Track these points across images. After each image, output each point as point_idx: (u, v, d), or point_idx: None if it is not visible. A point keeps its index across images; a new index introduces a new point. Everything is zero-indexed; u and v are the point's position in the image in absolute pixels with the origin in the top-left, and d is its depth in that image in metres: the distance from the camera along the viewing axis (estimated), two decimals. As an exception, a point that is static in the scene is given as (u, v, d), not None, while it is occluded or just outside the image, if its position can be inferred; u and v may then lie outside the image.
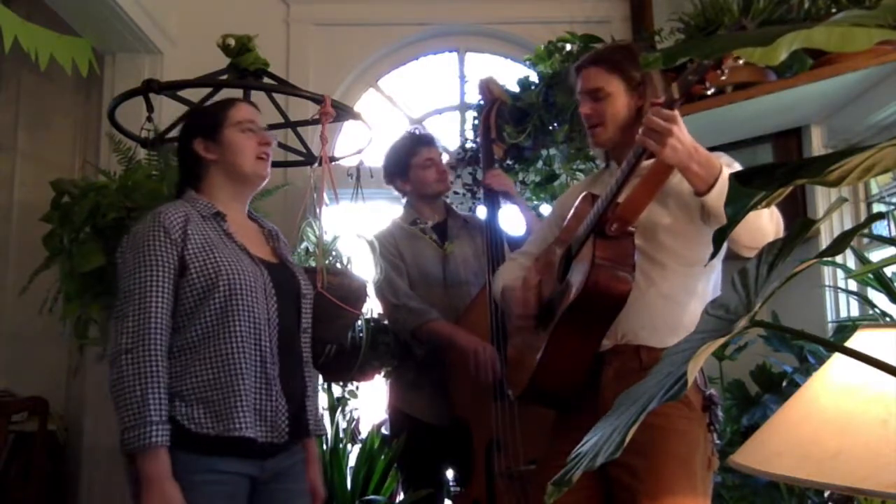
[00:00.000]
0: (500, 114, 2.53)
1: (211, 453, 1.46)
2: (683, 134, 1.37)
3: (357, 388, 2.71)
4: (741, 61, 1.27)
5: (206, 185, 1.66)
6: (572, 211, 1.68)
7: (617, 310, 1.49)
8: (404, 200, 2.59)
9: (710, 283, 1.61)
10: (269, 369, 1.53)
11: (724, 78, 1.32)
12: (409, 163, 2.47)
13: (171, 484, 1.39)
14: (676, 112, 1.37)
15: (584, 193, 1.66)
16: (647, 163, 1.46)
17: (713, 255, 0.87)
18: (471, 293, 2.37)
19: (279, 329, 1.58)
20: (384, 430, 2.52)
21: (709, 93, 1.35)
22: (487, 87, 2.55)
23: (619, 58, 1.65)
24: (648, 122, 1.37)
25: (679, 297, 1.57)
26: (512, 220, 2.43)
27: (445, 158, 2.64)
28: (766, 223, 1.42)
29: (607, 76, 1.64)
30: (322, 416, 2.64)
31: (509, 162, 2.79)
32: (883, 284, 1.91)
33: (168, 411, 1.43)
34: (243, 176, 1.66)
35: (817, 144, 2.50)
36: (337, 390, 2.66)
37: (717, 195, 1.38)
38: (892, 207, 2.22)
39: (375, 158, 2.59)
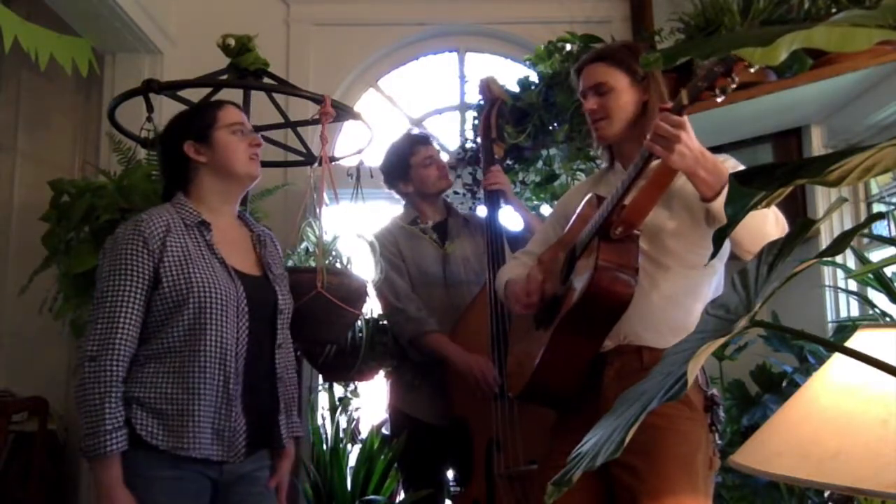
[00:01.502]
0: (500, 113, 2.53)
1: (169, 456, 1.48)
2: (692, 140, 1.37)
3: (356, 387, 2.71)
4: (752, 69, 1.25)
5: (196, 188, 1.66)
6: (577, 212, 1.68)
7: (619, 313, 1.49)
8: (404, 201, 2.59)
9: (712, 285, 1.61)
10: (231, 389, 1.53)
11: (734, 86, 1.31)
12: (410, 163, 2.47)
13: (123, 491, 1.42)
14: (685, 118, 1.37)
15: (589, 195, 1.65)
16: (652, 164, 1.46)
17: (713, 256, 0.87)
18: (471, 292, 2.37)
19: (249, 346, 1.58)
20: (384, 431, 2.52)
21: (718, 100, 1.33)
22: (488, 86, 2.55)
23: (622, 54, 1.65)
24: (657, 127, 1.37)
25: (682, 298, 1.57)
26: (512, 218, 2.43)
27: (445, 158, 2.64)
28: (770, 229, 1.41)
29: (611, 71, 1.64)
30: (323, 416, 2.66)
31: (509, 162, 2.79)
32: (883, 284, 1.91)
33: (126, 414, 1.45)
34: (235, 177, 1.66)
35: (817, 144, 2.50)
36: (339, 390, 2.66)
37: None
38: (892, 207, 2.22)
39: (375, 158, 2.59)
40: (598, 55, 1.68)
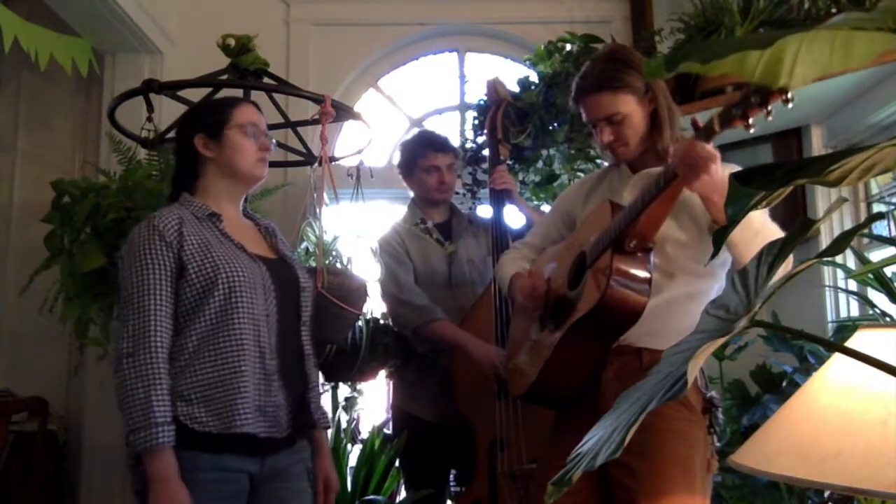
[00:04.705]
0: (506, 115, 2.54)
1: (214, 451, 1.48)
2: (717, 170, 1.36)
3: (357, 387, 2.71)
4: (790, 105, 1.16)
5: (201, 184, 1.67)
6: (588, 215, 1.68)
7: (630, 324, 1.49)
8: (410, 199, 2.59)
9: (713, 291, 1.62)
10: (268, 365, 1.55)
11: (770, 119, 1.24)
12: (415, 163, 2.46)
13: (179, 483, 1.41)
14: (717, 153, 1.36)
15: (602, 199, 1.65)
16: None
17: (713, 257, 0.87)
18: (476, 293, 2.37)
19: (278, 324, 1.60)
20: (386, 430, 2.51)
21: (751, 131, 1.25)
22: (495, 88, 2.56)
23: (618, 74, 1.61)
24: (688, 153, 1.34)
25: (683, 303, 1.58)
26: (517, 218, 2.43)
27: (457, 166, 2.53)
28: None
29: (617, 98, 1.61)
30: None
31: (510, 162, 2.79)
32: (883, 284, 1.92)
33: (171, 412, 1.44)
34: (240, 176, 1.67)
35: (817, 144, 2.50)
36: (345, 390, 2.66)
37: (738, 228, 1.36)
38: (892, 207, 2.22)
39: (375, 158, 2.58)
40: (598, 84, 1.62)
